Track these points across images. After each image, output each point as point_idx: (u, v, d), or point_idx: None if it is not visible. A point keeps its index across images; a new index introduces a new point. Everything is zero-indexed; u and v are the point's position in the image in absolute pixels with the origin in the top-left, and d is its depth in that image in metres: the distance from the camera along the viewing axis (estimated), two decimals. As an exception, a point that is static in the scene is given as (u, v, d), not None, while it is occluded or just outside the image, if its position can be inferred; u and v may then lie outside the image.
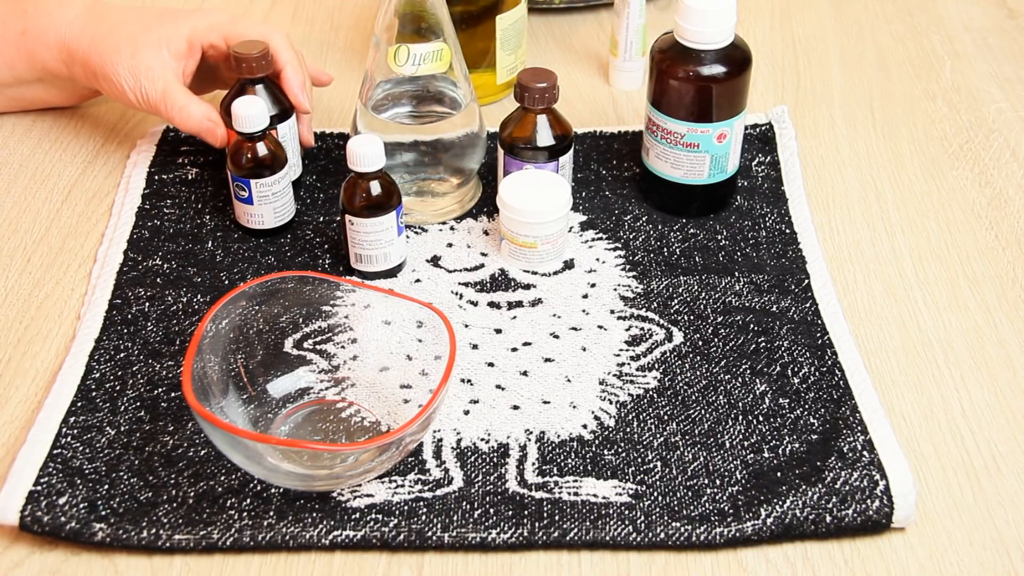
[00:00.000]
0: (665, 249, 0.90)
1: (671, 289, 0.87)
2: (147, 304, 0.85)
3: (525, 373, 0.80)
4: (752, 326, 0.83)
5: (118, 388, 0.78)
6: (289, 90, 0.93)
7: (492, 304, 0.86)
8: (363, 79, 0.91)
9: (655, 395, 0.79)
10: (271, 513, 0.71)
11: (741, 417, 0.77)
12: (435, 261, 0.89)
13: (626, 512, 0.71)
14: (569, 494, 0.72)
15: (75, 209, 0.95)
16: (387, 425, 0.77)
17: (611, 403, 0.78)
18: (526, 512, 0.71)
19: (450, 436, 0.76)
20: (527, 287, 0.87)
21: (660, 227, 0.92)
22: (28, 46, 0.96)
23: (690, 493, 0.72)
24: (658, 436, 0.76)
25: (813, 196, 0.97)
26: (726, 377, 0.80)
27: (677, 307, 0.85)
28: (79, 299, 0.86)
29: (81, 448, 0.74)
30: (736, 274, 0.88)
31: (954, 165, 1.01)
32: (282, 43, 0.94)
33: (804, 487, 0.72)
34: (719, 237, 0.91)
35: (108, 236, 0.91)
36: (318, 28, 1.19)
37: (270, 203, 0.89)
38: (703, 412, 0.77)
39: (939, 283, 0.89)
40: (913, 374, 0.81)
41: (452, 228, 0.92)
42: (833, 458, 0.73)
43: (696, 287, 0.87)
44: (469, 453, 0.75)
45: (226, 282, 0.87)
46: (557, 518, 0.70)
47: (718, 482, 0.73)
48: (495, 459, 0.74)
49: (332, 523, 0.70)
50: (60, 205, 0.95)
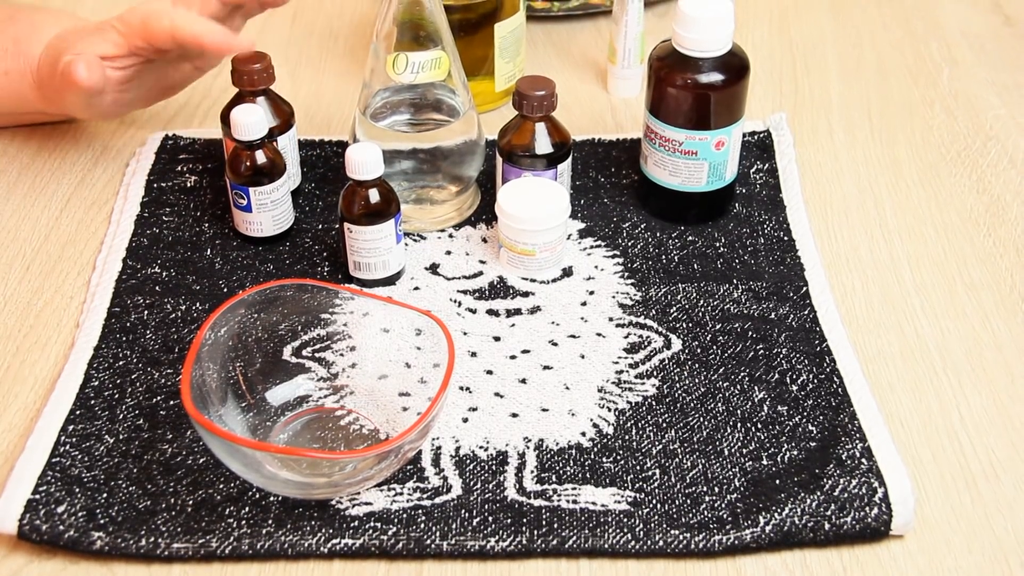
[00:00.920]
0: (663, 256, 0.90)
1: (669, 296, 0.87)
2: (146, 312, 0.85)
3: (524, 381, 0.80)
4: (750, 333, 0.83)
5: (117, 396, 0.78)
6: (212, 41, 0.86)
7: (491, 312, 0.86)
8: (361, 87, 0.91)
9: (654, 403, 0.79)
10: (270, 521, 0.71)
11: (740, 424, 0.77)
12: (434, 269, 0.89)
13: (625, 520, 0.71)
14: (568, 502, 0.72)
15: (74, 217, 0.95)
16: (386, 433, 0.77)
17: (610, 411, 0.78)
18: (525, 520, 0.71)
19: (449, 444, 0.76)
20: (526, 295, 0.87)
21: (658, 234, 0.92)
22: (13, 87, 0.96)
23: (689, 501, 0.72)
24: (657, 444, 0.76)
25: (811, 203, 0.97)
26: (724, 384, 0.80)
27: (675, 314, 0.85)
28: (78, 307, 0.86)
29: (80, 456, 0.74)
30: (734, 281, 0.88)
31: (952, 172, 1.01)
32: (185, 17, 0.87)
33: (803, 494, 0.72)
34: (717, 244, 0.91)
35: (107, 244, 0.91)
36: (316, 36, 1.19)
37: (269, 211, 0.89)
38: (702, 419, 0.77)
39: (937, 289, 0.89)
40: (911, 381, 0.81)
41: (451, 236, 0.92)
42: (832, 465, 0.74)
43: (694, 294, 0.87)
44: (468, 461, 0.75)
45: (225, 290, 0.87)
46: (556, 526, 0.70)
47: (717, 490, 0.73)
48: (494, 467, 0.74)
49: (331, 531, 0.70)
50: (59, 213, 0.95)
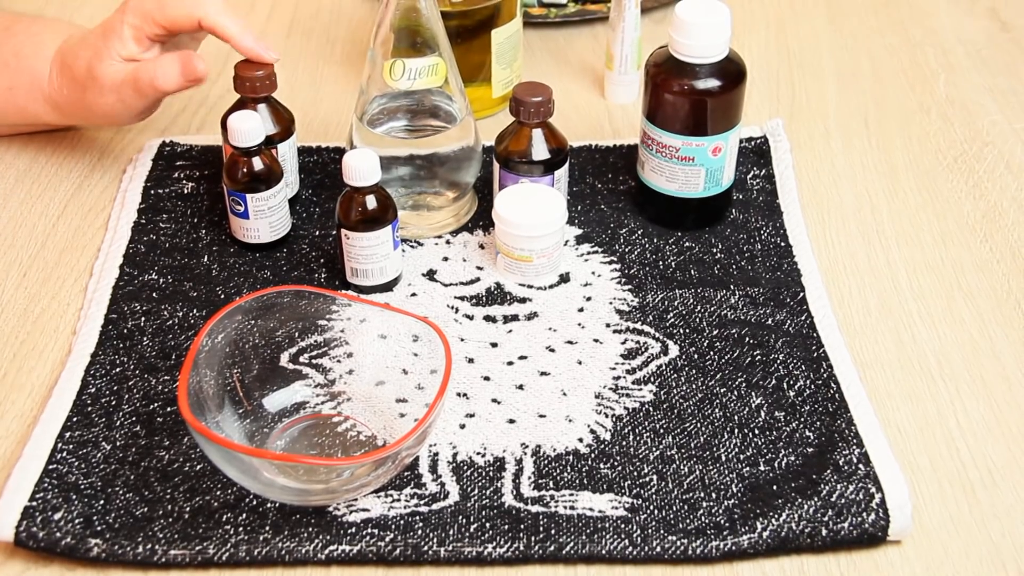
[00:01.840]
0: (661, 262, 0.90)
1: (667, 302, 0.87)
2: (143, 319, 0.85)
3: (521, 387, 0.80)
4: (747, 339, 0.84)
5: (114, 403, 0.78)
6: (243, 47, 0.89)
7: (488, 318, 0.86)
8: (359, 93, 0.91)
9: (651, 408, 0.79)
10: (267, 528, 0.70)
11: (737, 430, 0.77)
12: (431, 275, 0.89)
13: (622, 526, 0.71)
14: (565, 508, 0.72)
15: (71, 223, 0.95)
16: (383, 439, 0.77)
17: (607, 416, 0.78)
18: (522, 526, 0.71)
19: (446, 450, 0.76)
20: (523, 301, 0.87)
21: (655, 240, 0.92)
22: (18, 101, 0.96)
23: (686, 506, 0.72)
24: (654, 449, 0.76)
25: (808, 209, 0.97)
26: (722, 390, 0.80)
27: (673, 320, 0.85)
28: (75, 314, 0.86)
29: (77, 463, 0.74)
30: (731, 287, 0.88)
31: (948, 177, 1.01)
32: (219, 12, 0.89)
33: (800, 500, 0.72)
34: (714, 250, 0.91)
35: (104, 250, 0.91)
36: (314, 42, 1.19)
37: (266, 217, 0.89)
38: (699, 425, 0.77)
39: (934, 295, 0.89)
40: (908, 386, 0.81)
41: (448, 242, 0.92)
42: (829, 471, 0.74)
43: (692, 300, 0.87)
44: (465, 467, 0.75)
45: (222, 296, 0.87)
46: (553, 532, 0.70)
47: (714, 495, 0.73)
48: (491, 473, 0.74)
49: (328, 538, 0.70)
50: (56, 219, 0.95)
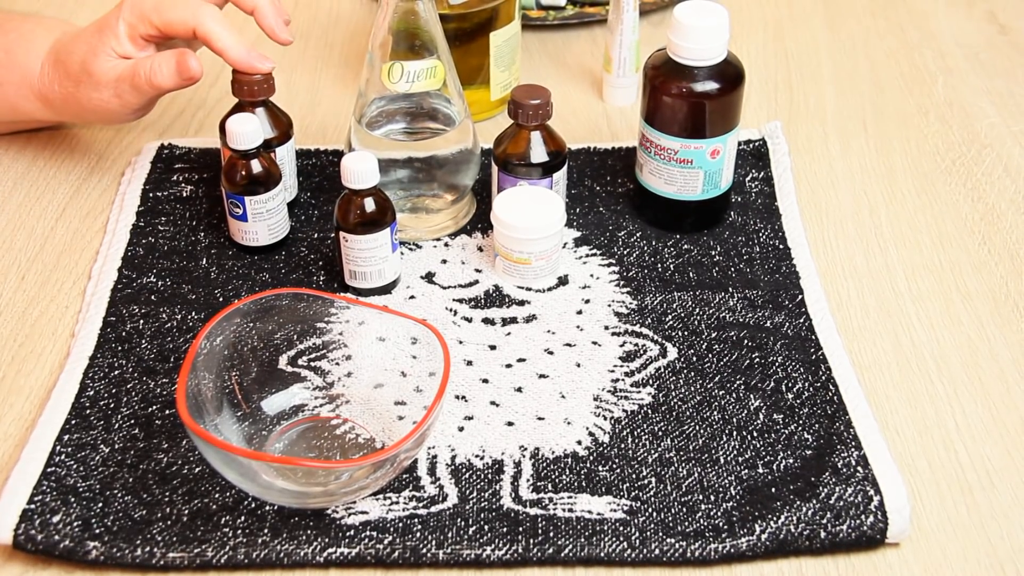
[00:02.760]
0: (659, 265, 0.90)
1: (665, 305, 0.87)
2: (141, 321, 0.85)
3: (519, 389, 0.80)
4: (746, 341, 0.84)
5: (112, 406, 0.78)
6: (235, 59, 0.89)
7: (486, 320, 0.86)
8: (357, 96, 0.91)
9: (649, 411, 0.79)
10: (265, 530, 0.70)
11: (735, 433, 0.77)
12: (429, 278, 0.89)
13: (621, 528, 0.71)
14: (564, 510, 0.72)
15: (69, 227, 0.95)
16: (381, 442, 0.77)
17: (605, 419, 0.78)
18: (521, 529, 0.71)
19: (444, 453, 0.76)
20: (521, 303, 0.87)
21: (654, 243, 0.92)
22: (8, 97, 0.96)
23: (685, 509, 0.72)
24: (652, 452, 0.76)
25: (806, 211, 0.97)
26: (720, 393, 0.80)
27: (671, 323, 0.85)
28: (73, 317, 0.86)
29: (75, 466, 0.74)
30: (730, 290, 0.88)
31: (947, 180, 1.01)
32: (214, 21, 0.88)
33: (798, 503, 0.72)
34: (713, 253, 0.91)
35: (103, 253, 0.91)
36: (312, 45, 1.19)
37: (264, 220, 0.89)
38: (697, 428, 0.77)
39: (932, 298, 0.89)
40: (907, 389, 0.81)
41: (446, 244, 0.92)
42: (827, 473, 0.74)
43: (690, 303, 0.87)
44: (464, 470, 0.75)
45: (220, 299, 0.87)
46: (552, 534, 0.70)
47: (712, 498, 0.73)
48: (490, 475, 0.74)
49: (327, 540, 0.70)
50: (55, 223, 0.95)
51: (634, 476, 0.74)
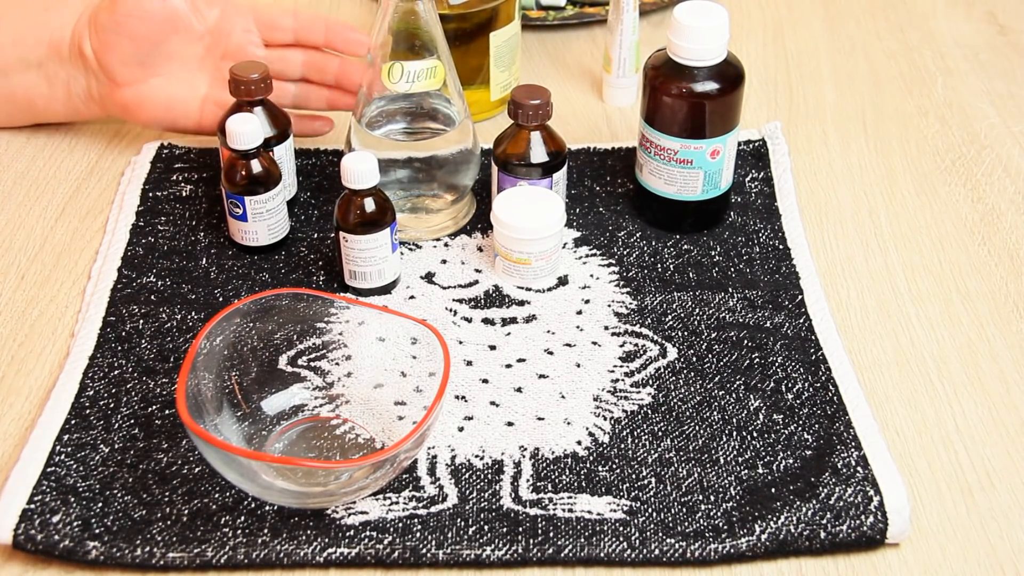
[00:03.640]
0: (659, 265, 0.90)
1: (665, 305, 0.87)
2: (141, 321, 0.85)
3: (519, 389, 0.80)
4: (746, 342, 0.84)
5: (112, 406, 0.78)
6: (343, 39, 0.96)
7: (486, 320, 0.86)
8: (357, 96, 0.91)
9: (649, 411, 0.79)
10: (265, 530, 0.70)
11: (735, 433, 0.77)
12: (429, 278, 0.89)
13: (620, 529, 0.71)
14: (563, 511, 0.72)
15: (69, 226, 0.95)
16: (381, 442, 0.77)
17: (605, 419, 0.78)
18: (520, 529, 0.71)
19: (444, 453, 0.76)
20: (521, 303, 0.87)
21: (654, 243, 0.92)
22: (49, 22, 0.96)
23: (684, 509, 0.72)
24: (652, 452, 0.76)
25: (806, 212, 0.97)
26: (720, 393, 0.80)
27: (671, 323, 0.85)
28: (73, 316, 0.86)
29: (75, 466, 0.74)
30: (730, 290, 0.88)
31: (946, 181, 1.01)
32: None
33: (798, 503, 0.72)
34: (713, 253, 0.91)
35: (102, 253, 0.91)
36: (312, 45, 1.19)
37: (264, 220, 0.89)
38: (697, 428, 0.77)
39: (932, 298, 0.89)
40: (906, 389, 0.81)
41: (446, 245, 0.92)
42: (827, 474, 0.74)
43: (690, 303, 0.87)
44: (463, 470, 0.75)
45: (220, 299, 0.87)
46: (552, 535, 0.70)
47: (712, 498, 0.73)
48: (489, 476, 0.74)
49: (326, 540, 0.70)
50: (54, 222, 0.95)
51: (634, 476, 0.74)
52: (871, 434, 0.76)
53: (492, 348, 0.83)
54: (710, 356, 0.83)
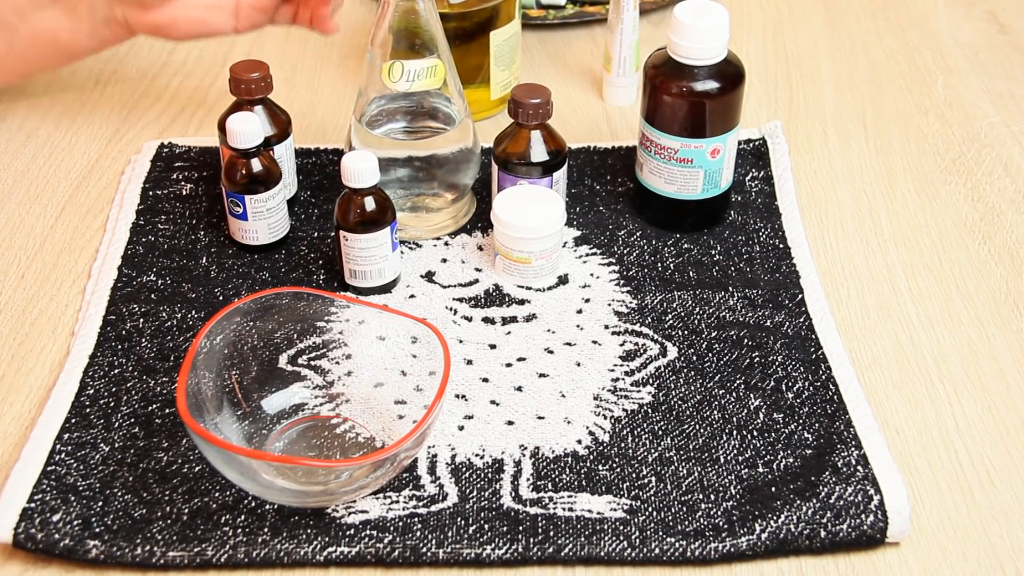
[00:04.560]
0: (659, 264, 0.90)
1: (665, 304, 0.87)
2: (141, 320, 0.85)
3: (519, 388, 0.80)
4: (746, 341, 0.84)
5: (112, 404, 0.78)
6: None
7: (486, 319, 0.86)
8: (357, 95, 0.91)
9: (649, 410, 0.79)
10: (265, 529, 0.70)
11: (735, 432, 0.77)
12: (429, 277, 0.89)
13: (621, 527, 0.71)
14: (564, 510, 0.72)
15: (69, 225, 0.95)
16: (382, 441, 0.77)
17: (605, 418, 0.78)
18: (521, 528, 0.71)
19: (445, 452, 0.76)
20: (521, 302, 0.87)
21: (654, 242, 0.92)
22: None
23: (685, 508, 0.72)
24: (652, 451, 0.76)
25: (806, 211, 0.97)
26: (720, 392, 0.80)
27: (671, 322, 0.85)
28: (73, 315, 0.86)
29: (75, 465, 0.74)
30: (730, 289, 0.88)
31: (947, 180, 1.01)
32: None
33: (798, 502, 0.72)
34: (713, 252, 0.91)
35: (102, 252, 0.91)
36: (312, 45, 1.19)
37: (265, 219, 0.89)
38: (697, 427, 0.77)
39: (932, 297, 0.89)
40: (907, 388, 0.81)
41: (446, 243, 0.92)
42: (827, 473, 0.74)
43: (690, 302, 0.87)
44: (464, 469, 0.75)
45: (220, 298, 0.87)
46: (552, 534, 0.70)
47: (713, 497, 0.73)
48: (490, 475, 0.74)
49: (327, 539, 0.70)
50: (54, 221, 0.95)
51: (634, 475, 0.74)
52: (871, 433, 0.76)
53: (492, 347, 0.83)
54: (710, 355, 0.83)
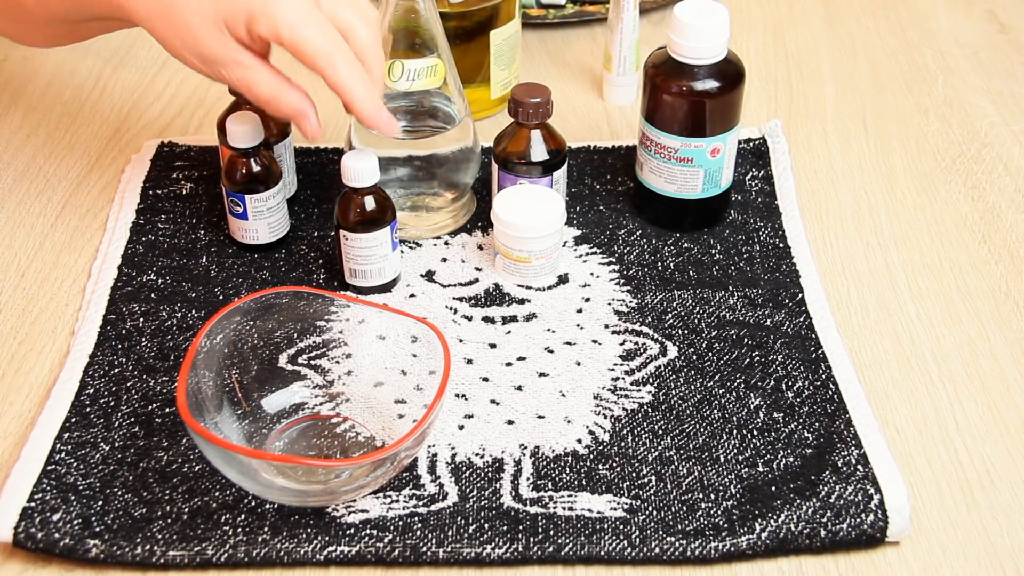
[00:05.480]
0: (659, 263, 0.90)
1: (665, 303, 0.87)
2: (141, 319, 0.85)
3: (520, 388, 0.80)
4: (746, 340, 0.84)
5: (112, 404, 0.78)
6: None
7: (486, 319, 0.86)
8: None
9: (649, 409, 0.79)
10: (266, 529, 0.70)
11: (735, 431, 0.77)
12: (429, 276, 0.89)
13: (621, 527, 0.71)
14: (564, 509, 0.72)
15: (69, 224, 0.95)
16: (382, 440, 0.77)
17: (605, 417, 0.78)
18: (521, 527, 0.71)
19: (445, 451, 0.76)
20: (521, 302, 0.87)
21: (654, 241, 0.92)
22: None
23: (685, 507, 0.72)
24: (652, 450, 0.76)
25: (806, 210, 0.97)
26: (720, 391, 0.80)
27: (671, 321, 0.85)
28: (73, 314, 0.86)
29: (75, 464, 0.74)
30: (730, 288, 0.88)
31: (947, 179, 1.01)
32: (347, 67, 0.77)
33: (799, 501, 0.72)
34: (713, 251, 0.91)
35: (102, 251, 0.91)
36: (312, 43, 1.19)
37: (265, 218, 0.89)
38: (697, 426, 0.77)
39: (932, 297, 0.89)
40: (907, 388, 0.81)
41: (446, 243, 0.92)
42: (827, 472, 0.74)
43: (690, 301, 0.87)
44: (464, 468, 0.75)
45: (220, 297, 0.87)
46: (552, 533, 0.70)
47: (713, 496, 0.73)
48: (490, 474, 0.74)
49: (327, 539, 0.70)
50: (54, 220, 0.95)
51: (634, 475, 0.74)
52: (871, 432, 0.76)
53: (492, 346, 0.83)
54: (710, 354, 0.83)
